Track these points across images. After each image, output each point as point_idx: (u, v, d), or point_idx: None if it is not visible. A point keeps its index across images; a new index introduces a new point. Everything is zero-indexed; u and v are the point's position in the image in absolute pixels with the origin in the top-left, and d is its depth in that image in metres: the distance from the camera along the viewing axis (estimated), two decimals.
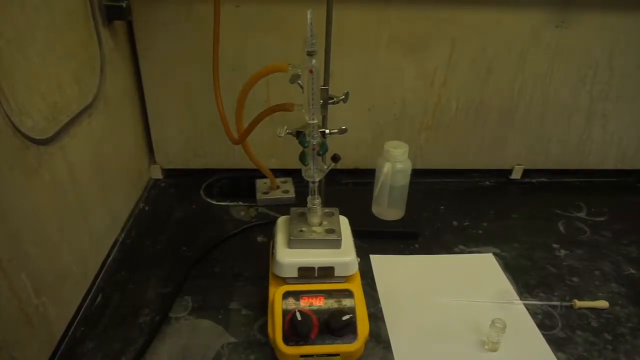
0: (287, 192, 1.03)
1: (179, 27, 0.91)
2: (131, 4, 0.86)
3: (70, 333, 0.69)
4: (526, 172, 1.14)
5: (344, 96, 0.72)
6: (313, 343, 0.61)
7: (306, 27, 0.57)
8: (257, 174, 1.03)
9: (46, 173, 0.63)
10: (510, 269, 0.84)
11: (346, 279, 0.66)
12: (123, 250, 0.86)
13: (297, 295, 0.64)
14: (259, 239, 0.90)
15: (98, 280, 0.78)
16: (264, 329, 0.70)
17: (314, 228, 0.67)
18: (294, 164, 0.66)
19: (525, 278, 0.82)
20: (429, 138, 1.07)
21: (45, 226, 0.63)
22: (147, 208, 0.99)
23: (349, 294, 0.64)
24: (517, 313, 0.75)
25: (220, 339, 0.69)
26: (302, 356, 0.61)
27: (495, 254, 0.88)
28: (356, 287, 0.65)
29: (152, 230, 0.91)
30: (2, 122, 0.54)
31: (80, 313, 0.72)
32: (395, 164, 0.86)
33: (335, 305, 0.63)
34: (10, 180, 0.56)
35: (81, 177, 0.73)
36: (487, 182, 1.14)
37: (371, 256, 0.86)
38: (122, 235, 0.89)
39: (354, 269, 0.66)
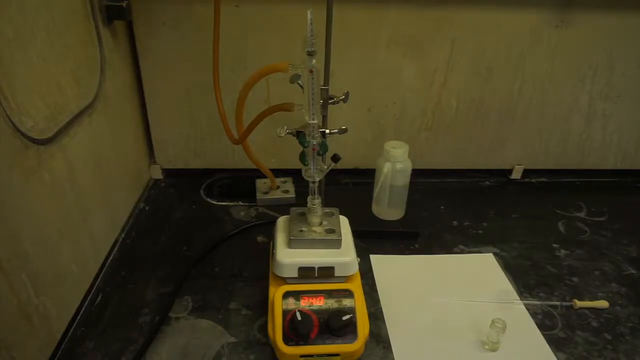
0: (287, 192, 1.03)
1: (179, 27, 0.91)
2: (131, 4, 0.86)
3: (70, 333, 0.69)
4: (526, 172, 1.14)
5: (344, 96, 0.72)
6: (313, 343, 0.61)
7: (306, 27, 0.57)
8: (257, 174, 1.03)
9: (46, 173, 0.63)
10: (510, 269, 0.84)
11: (346, 279, 0.66)
12: (123, 250, 0.86)
13: (297, 295, 0.64)
14: (259, 239, 0.90)
15: (98, 280, 0.78)
16: (264, 329, 0.70)
17: (314, 228, 0.67)
18: (294, 164, 0.66)
19: (525, 278, 0.82)
20: (429, 138, 1.07)
21: (45, 226, 0.63)
22: (147, 208, 0.99)
23: (349, 294, 0.64)
24: (517, 313, 0.75)
25: (220, 339, 0.69)
26: (302, 356, 0.61)
27: (495, 254, 0.88)
28: (356, 287, 0.65)
29: (152, 230, 0.91)
30: (2, 122, 0.54)
31: (80, 313, 0.72)
32: (395, 164, 0.86)
33: (336, 305, 0.63)
34: (10, 180, 0.56)
35: (81, 177, 0.73)
36: (487, 182, 1.14)
37: (371, 256, 0.86)
38: (122, 235, 0.89)
39: (354, 269, 0.66)
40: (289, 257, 0.64)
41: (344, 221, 0.71)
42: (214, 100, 0.87)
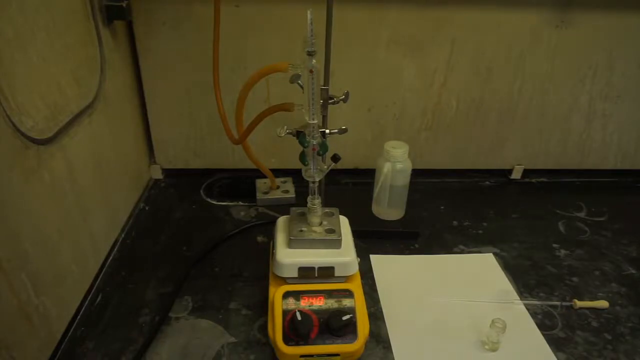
0: (287, 192, 1.03)
1: (179, 27, 0.91)
2: (131, 4, 0.86)
3: (70, 333, 0.69)
4: (526, 172, 1.14)
5: (344, 96, 0.72)
6: (313, 343, 0.61)
7: (306, 27, 0.57)
8: (257, 174, 1.03)
9: (46, 173, 0.63)
10: (510, 269, 0.84)
11: (346, 279, 0.66)
12: (123, 250, 0.86)
13: (297, 295, 0.64)
14: (259, 239, 0.90)
15: (98, 280, 0.78)
16: (264, 329, 0.70)
17: (314, 228, 0.67)
18: (294, 164, 0.66)
19: (525, 278, 0.82)
20: (429, 138, 1.07)
21: (45, 226, 0.63)
22: (147, 208, 0.99)
23: (349, 294, 0.64)
24: (517, 313, 0.75)
25: (220, 339, 0.69)
26: (302, 356, 0.61)
27: (495, 254, 0.88)
28: (356, 287, 0.65)
29: (152, 230, 0.91)
30: (2, 122, 0.54)
31: (80, 313, 0.72)
32: (395, 164, 0.86)
33: (336, 305, 0.63)
34: (10, 180, 0.56)
35: (81, 177, 0.73)
36: (487, 182, 1.14)
37: (371, 256, 0.86)
38: (122, 235, 0.89)
39: (354, 269, 0.66)
40: (289, 257, 0.64)
41: (344, 221, 0.71)
42: (214, 100, 0.87)
